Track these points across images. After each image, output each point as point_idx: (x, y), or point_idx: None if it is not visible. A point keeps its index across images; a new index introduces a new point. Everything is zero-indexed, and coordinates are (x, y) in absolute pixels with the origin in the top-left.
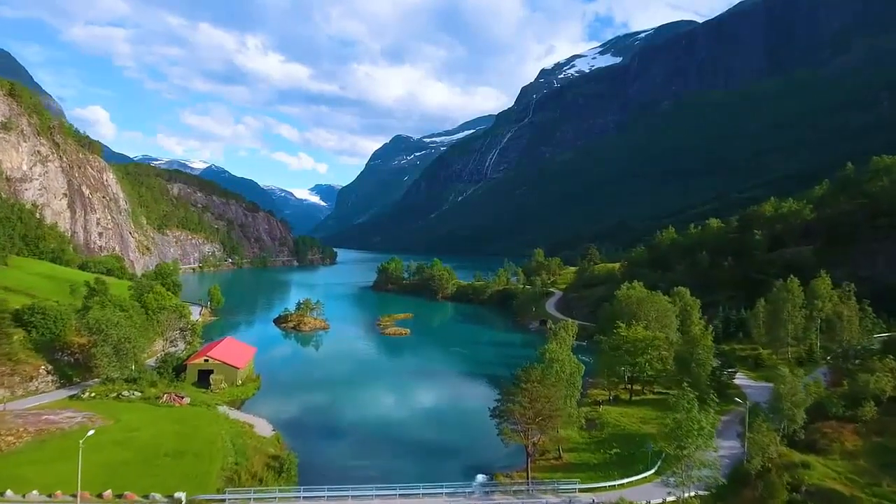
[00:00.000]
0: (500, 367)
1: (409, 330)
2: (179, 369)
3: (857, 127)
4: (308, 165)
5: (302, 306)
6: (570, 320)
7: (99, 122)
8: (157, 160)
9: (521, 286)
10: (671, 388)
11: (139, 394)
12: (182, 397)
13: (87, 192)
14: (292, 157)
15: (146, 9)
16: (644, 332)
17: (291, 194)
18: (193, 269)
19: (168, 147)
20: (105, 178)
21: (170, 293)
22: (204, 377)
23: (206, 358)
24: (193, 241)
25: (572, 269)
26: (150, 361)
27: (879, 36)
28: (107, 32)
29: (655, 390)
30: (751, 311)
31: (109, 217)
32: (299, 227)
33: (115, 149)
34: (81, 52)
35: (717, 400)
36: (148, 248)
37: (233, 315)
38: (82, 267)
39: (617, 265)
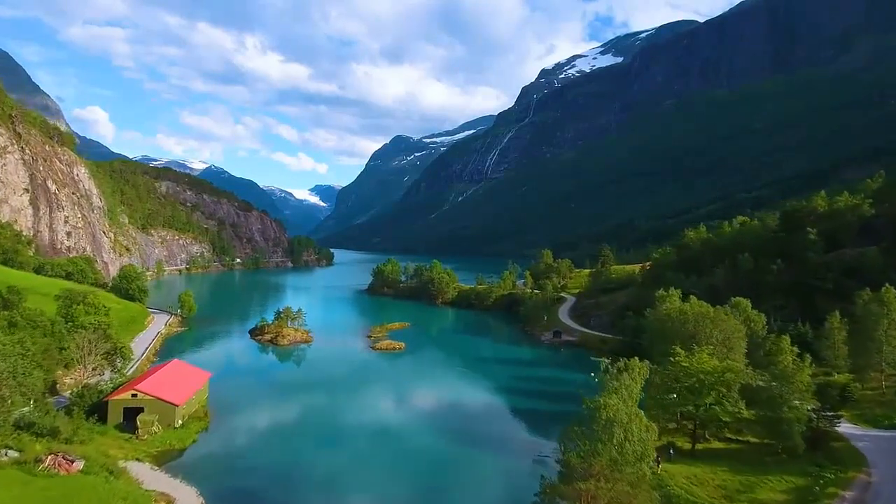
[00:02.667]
0: (515, 396)
1: (404, 344)
2: (101, 406)
3: (862, 126)
4: (308, 166)
5: (281, 315)
6: (636, 362)
7: (98, 122)
8: (156, 160)
9: (529, 291)
10: (741, 433)
11: (15, 454)
12: (72, 461)
13: (53, 187)
14: (292, 158)
15: (144, 8)
16: (711, 361)
17: (291, 195)
18: (180, 270)
19: (167, 147)
20: (76, 172)
21: (105, 306)
22: (132, 417)
23: (133, 392)
24: (181, 241)
25: (584, 271)
26: (66, 395)
27: (884, 35)
28: (105, 32)
29: (723, 435)
30: (809, 323)
31: (80, 215)
32: (299, 228)
33: (115, 149)
34: (80, 52)
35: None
36: (127, 249)
37: (206, 324)
38: (38, 270)
39: (637, 267)
